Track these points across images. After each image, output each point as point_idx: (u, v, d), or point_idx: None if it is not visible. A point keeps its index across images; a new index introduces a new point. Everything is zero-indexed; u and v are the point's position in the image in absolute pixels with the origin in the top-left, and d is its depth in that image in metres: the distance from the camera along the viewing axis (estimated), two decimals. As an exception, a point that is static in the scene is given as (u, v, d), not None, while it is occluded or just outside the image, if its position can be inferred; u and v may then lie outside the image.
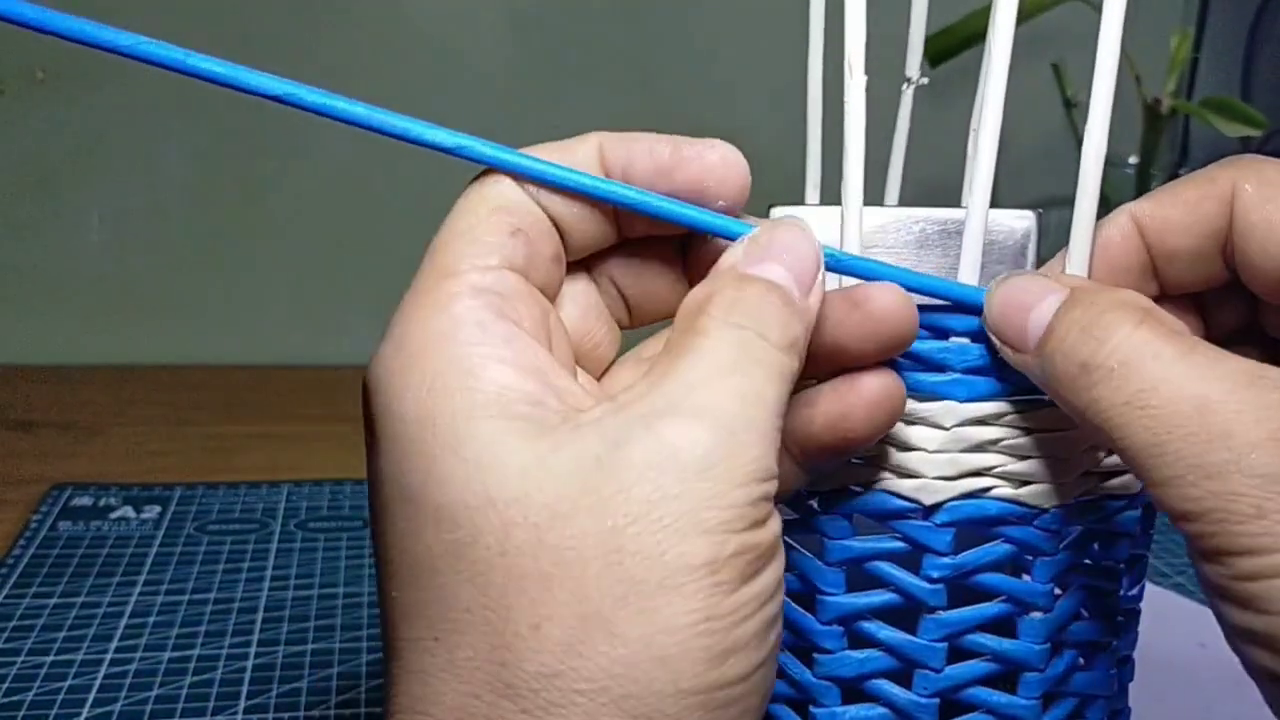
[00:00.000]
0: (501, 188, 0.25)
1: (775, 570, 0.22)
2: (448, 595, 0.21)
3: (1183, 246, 0.26)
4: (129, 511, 0.60)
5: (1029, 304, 0.24)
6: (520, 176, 0.25)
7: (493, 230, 0.24)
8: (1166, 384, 0.22)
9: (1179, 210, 0.26)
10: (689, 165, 0.25)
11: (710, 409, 0.21)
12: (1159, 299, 0.26)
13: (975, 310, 0.25)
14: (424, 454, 0.22)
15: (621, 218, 0.26)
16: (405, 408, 0.22)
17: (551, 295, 0.26)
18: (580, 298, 0.27)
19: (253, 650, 0.47)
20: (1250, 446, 0.21)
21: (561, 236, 0.25)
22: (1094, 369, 0.22)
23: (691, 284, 0.25)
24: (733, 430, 0.21)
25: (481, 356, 0.22)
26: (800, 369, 0.23)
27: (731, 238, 0.25)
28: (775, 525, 0.22)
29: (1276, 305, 0.26)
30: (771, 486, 0.22)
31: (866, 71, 0.25)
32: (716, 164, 0.25)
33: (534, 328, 0.24)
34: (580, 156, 0.25)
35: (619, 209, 0.25)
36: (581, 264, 0.27)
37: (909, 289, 0.25)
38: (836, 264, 0.25)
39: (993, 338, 0.25)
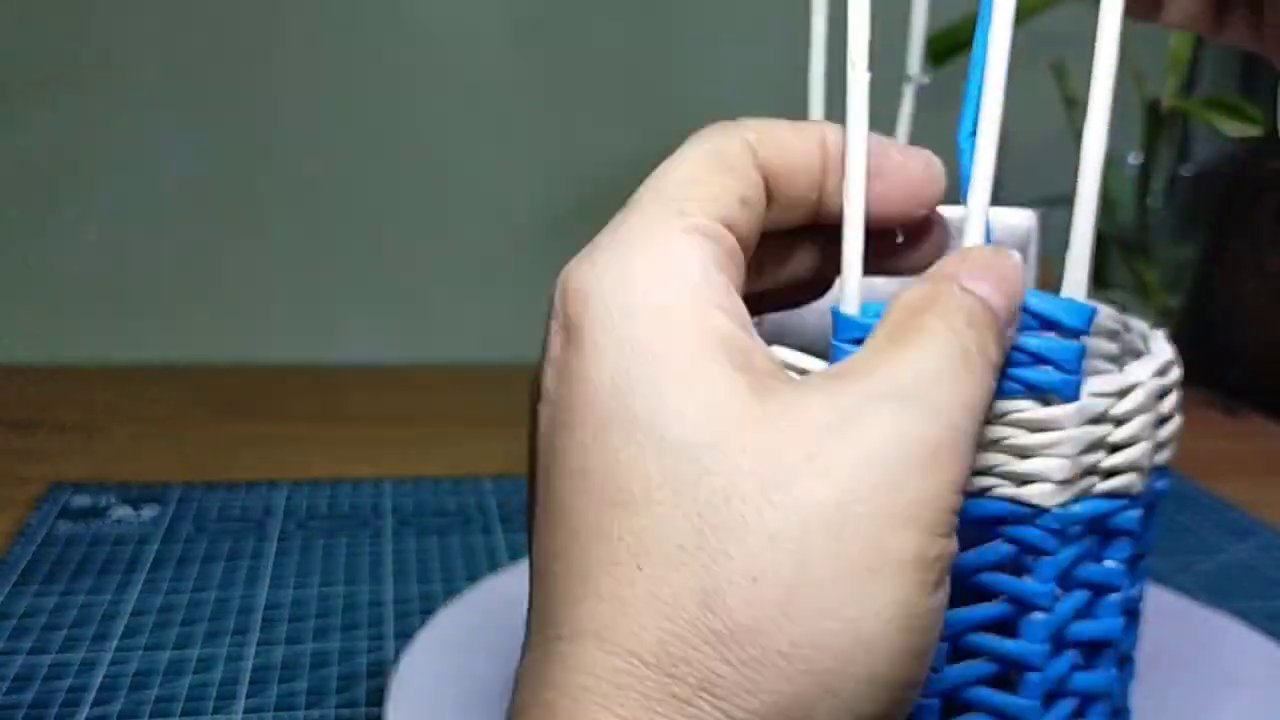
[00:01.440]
0: (733, 146, 0.25)
1: (948, 582, 0.22)
2: (661, 526, 0.21)
3: None
4: (128, 511, 0.60)
5: None
6: None
7: (723, 186, 0.24)
8: None
9: None
10: (892, 175, 0.26)
11: (942, 409, 0.22)
12: None
13: None
14: (652, 380, 0.21)
15: (823, 203, 0.26)
16: (636, 328, 0.22)
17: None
18: None
19: (252, 650, 0.47)
20: None
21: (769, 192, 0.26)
22: None
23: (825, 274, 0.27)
24: (958, 433, 0.22)
25: (709, 301, 0.22)
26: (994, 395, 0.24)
27: None
28: (956, 538, 0.22)
29: None
30: (961, 499, 0.22)
31: (868, 70, 0.25)
32: (918, 175, 0.26)
33: (737, 286, 0.24)
34: (809, 139, 0.25)
35: (825, 196, 0.26)
36: None
37: None
38: None
39: None
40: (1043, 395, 0.25)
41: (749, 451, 0.21)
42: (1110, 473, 0.27)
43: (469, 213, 0.88)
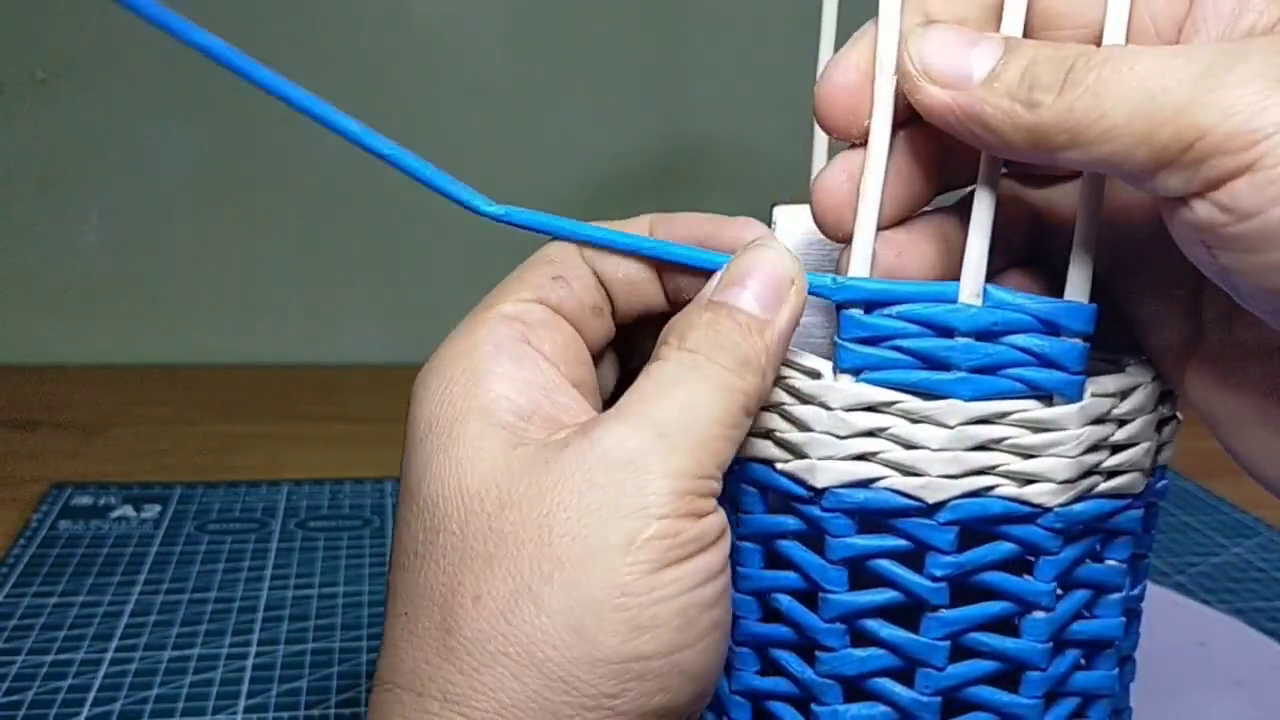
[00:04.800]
0: (553, 246, 0.29)
1: (706, 560, 0.24)
2: (419, 575, 0.24)
3: None
4: (129, 511, 0.60)
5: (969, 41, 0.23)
6: (568, 240, 0.29)
7: (535, 274, 0.28)
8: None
9: None
10: (723, 242, 0.28)
11: (643, 416, 0.24)
12: None
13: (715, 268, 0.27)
14: (423, 452, 0.25)
15: (668, 287, 0.28)
16: (420, 412, 0.26)
17: (592, 343, 0.28)
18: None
19: (253, 649, 0.47)
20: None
21: (611, 297, 0.29)
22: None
23: None
24: (662, 433, 0.24)
25: (488, 372, 0.25)
26: (761, 382, 0.25)
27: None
28: (711, 521, 0.24)
29: None
30: (706, 485, 0.24)
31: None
32: (747, 240, 0.27)
33: (555, 352, 0.27)
34: (632, 230, 0.29)
35: (664, 278, 0.28)
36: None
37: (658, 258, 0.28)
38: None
39: (917, 78, 0.23)
40: (1045, 395, 0.25)
41: (480, 494, 0.24)
42: (1112, 473, 0.27)
43: (470, 213, 0.88)
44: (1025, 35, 0.24)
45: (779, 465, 0.26)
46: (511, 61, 0.86)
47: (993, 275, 0.26)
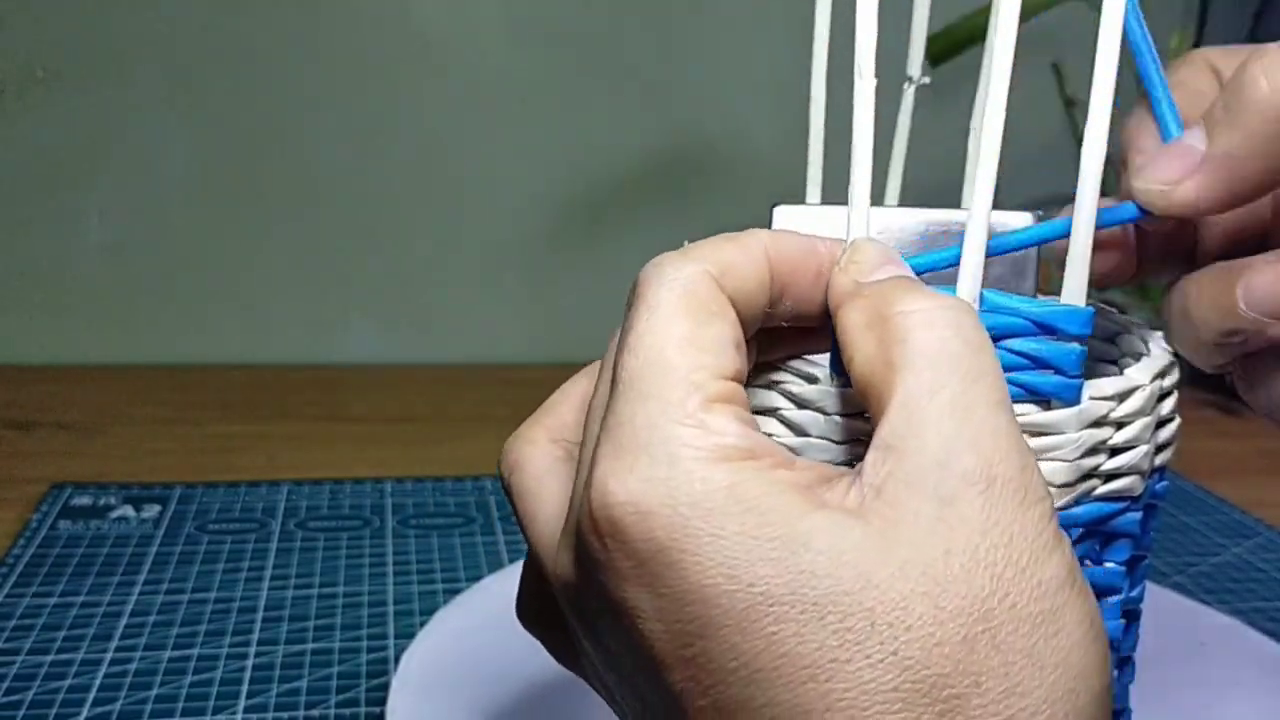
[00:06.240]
0: (703, 289, 0.24)
1: None
2: (864, 681, 0.20)
3: None
4: (129, 511, 0.60)
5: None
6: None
7: (716, 342, 0.23)
8: None
9: (1248, 54, 0.27)
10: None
11: (978, 439, 0.21)
12: None
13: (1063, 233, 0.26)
14: (765, 559, 0.21)
15: (771, 312, 0.26)
16: (719, 524, 0.21)
17: None
18: None
19: (252, 650, 0.47)
20: None
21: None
22: None
23: None
24: (1010, 427, 0.22)
25: (760, 468, 0.22)
26: None
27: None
28: None
29: None
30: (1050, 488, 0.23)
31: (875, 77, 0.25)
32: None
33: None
34: (755, 255, 0.25)
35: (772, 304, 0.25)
36: None
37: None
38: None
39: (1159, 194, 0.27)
40: (1043, 399, 0.25)
41: (898, 578, 0.20)
42: (1110, 475, 0.27)
43: (470, 213, 0.88)
44: None
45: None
46: (511, 62, 0.86)
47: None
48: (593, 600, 0.23)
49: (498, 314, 0.91)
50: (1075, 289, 0.26)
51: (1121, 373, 0.27)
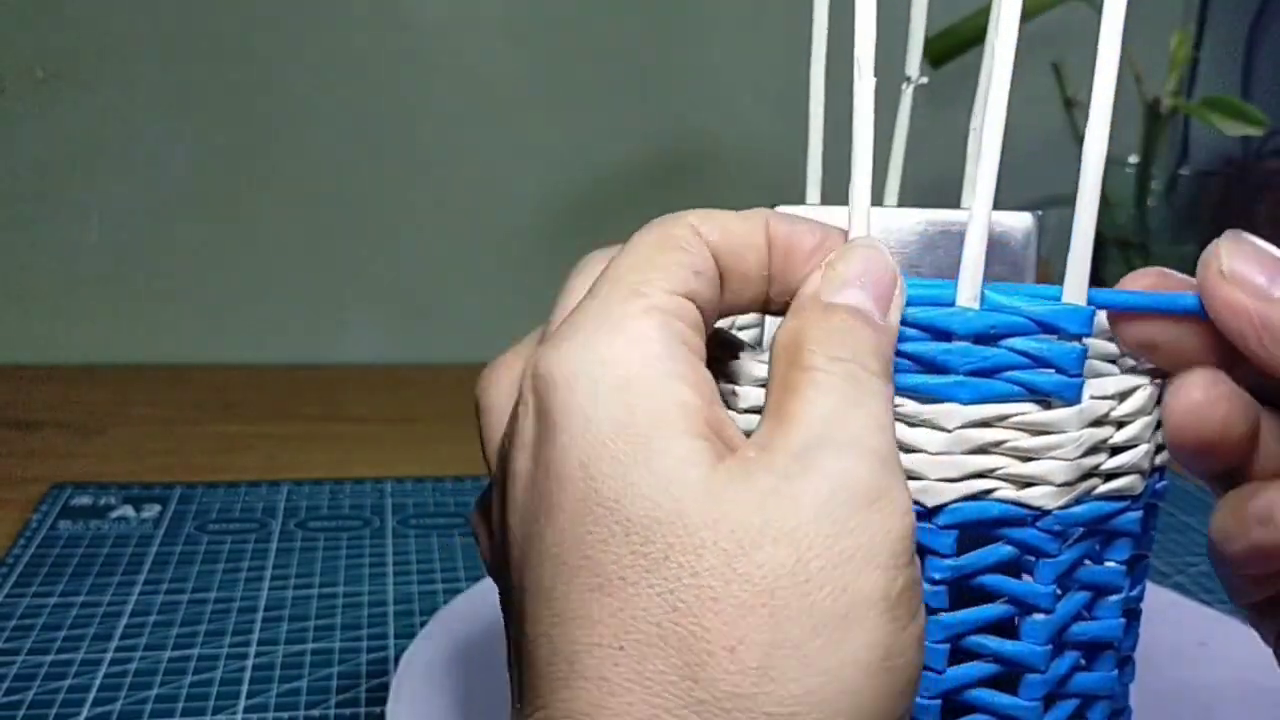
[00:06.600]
0: (679, 230, 0.25)
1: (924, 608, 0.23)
2: (637, 606, 0.21)
3: None
4: (129, 511, 0.60)
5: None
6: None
7: (672, 262, 0.24)
8: None
9: None
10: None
11: (858, 441, 0.22)
12: None
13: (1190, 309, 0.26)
14: (614, 459, 0.22)
15: (773, 287, 0.26)
16: (600, 409, 0.22)
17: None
18: None
19: (252, 650, 0.47)
20: None
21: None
22: None
23: None
24: (884, 460, 0.22)
25: (671, 374, 0.23)
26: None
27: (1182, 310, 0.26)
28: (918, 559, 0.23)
29: None
30: (913, 520, 0.23)
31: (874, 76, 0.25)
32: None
33: (702, 358, 0.24)
34: (753, 222, 0.25)
35: (774, 280, 0.26)
36: None
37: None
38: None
39: (1219, 276, 0.25)
40: (1044, 398, 0.25)
41: (709, 526, 0.21)
42: (1111, 475, 0.27)
43: (469, 213, 0.88)
44: None
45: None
46: (512, 62, 0.86)
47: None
48: (502, 474, 0.25)
49: (498, 314, 0.91)
50: (1076, 286, 0.26)
51: (1122, 371, 0.27)
